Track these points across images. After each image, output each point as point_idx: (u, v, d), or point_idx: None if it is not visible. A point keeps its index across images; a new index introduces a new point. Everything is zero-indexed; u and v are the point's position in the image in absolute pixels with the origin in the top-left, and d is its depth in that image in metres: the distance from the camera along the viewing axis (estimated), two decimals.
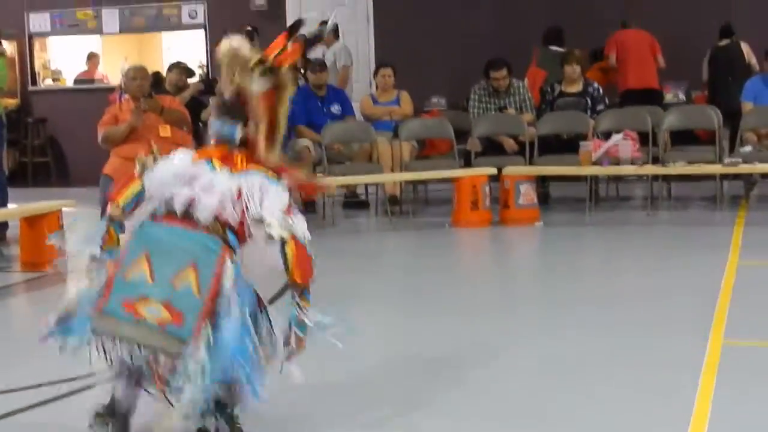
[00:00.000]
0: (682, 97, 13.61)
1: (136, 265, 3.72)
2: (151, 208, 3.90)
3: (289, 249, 3.79)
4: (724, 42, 12.55)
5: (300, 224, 3.84)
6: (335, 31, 13.32)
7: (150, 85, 10.09)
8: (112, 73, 16.51)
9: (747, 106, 11.19)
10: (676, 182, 11.81)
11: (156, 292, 3.67)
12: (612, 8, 13.52)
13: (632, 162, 10.36)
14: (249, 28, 12.45)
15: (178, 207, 3.81)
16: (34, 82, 16.94)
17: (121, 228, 3.93)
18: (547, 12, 13.70)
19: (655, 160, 10.70)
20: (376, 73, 12.31)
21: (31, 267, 8.43)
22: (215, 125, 4.01)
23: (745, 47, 12.56)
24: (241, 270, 3.80)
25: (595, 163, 10.43)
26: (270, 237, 3.79)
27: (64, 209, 8.80)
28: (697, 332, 5.59)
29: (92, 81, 16.62)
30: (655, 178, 11.03)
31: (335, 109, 11.72)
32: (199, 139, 10.56)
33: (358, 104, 12.26)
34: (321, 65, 11.81)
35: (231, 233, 3.82)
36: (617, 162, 10.41)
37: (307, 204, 9.94)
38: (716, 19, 12.76)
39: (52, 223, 8.56)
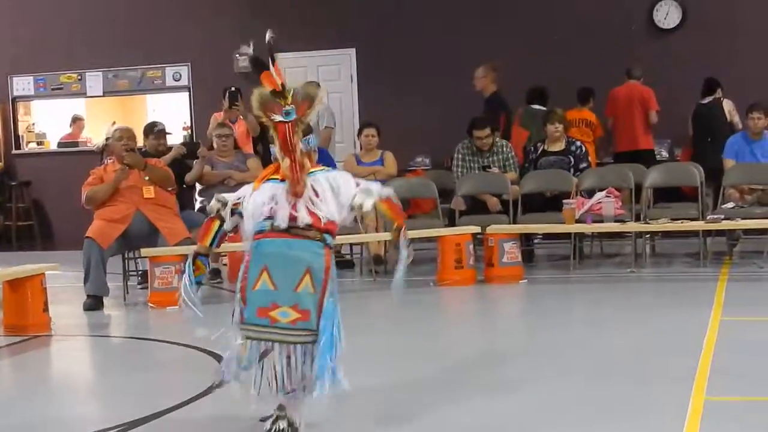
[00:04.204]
0: (665, 154, 13.69)
1: (259, 278, 4.63)
2: (254, 228, 4.77)
3: (381, 206, 4.84)
4: (707, 100, 12.62)
5: (373, 186, 4.87)
6: None
7: (135, 144, 10.16)
8: (96, 135, 16.54)
9: (728, 163, 11.24)
10: (660, 239, 11.87)
11: (283, 298, 4.62)
12: (596, 68, 13.66)
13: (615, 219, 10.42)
14: (233, 89, 12.50)
15: (281, 223, 4.68)
16: (18, 146, 16.95)
17: (206, 259, 4.95)
18: (530, 72, 13.79)
19: (638, 218, 10.76)
20: (359, 133, 12.32)
21: (14, 330, 8.39)
22: (305, 143, 4.96)
23: (727, 105, 12.63)
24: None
25: (578, 221, 10.46)
26: (366, 211, 4.80)
27: (47, 272, 8.76)
28: (679, 388, 5.59)
29: (76, 144, 16.61)
30: (639, 235, 11.07)
31: None
32: (182, 200, 10.60)
33: (341, 164, 12.27)
34: (306, 126, 11.83)
35: (326, 234, 4.72)
36: (601, 219, 10.45)
37: None
38: (701, 79, 12.85)
39: (35, 287, 8.53)
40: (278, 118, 4.81)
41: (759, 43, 13.90)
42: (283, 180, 4.78)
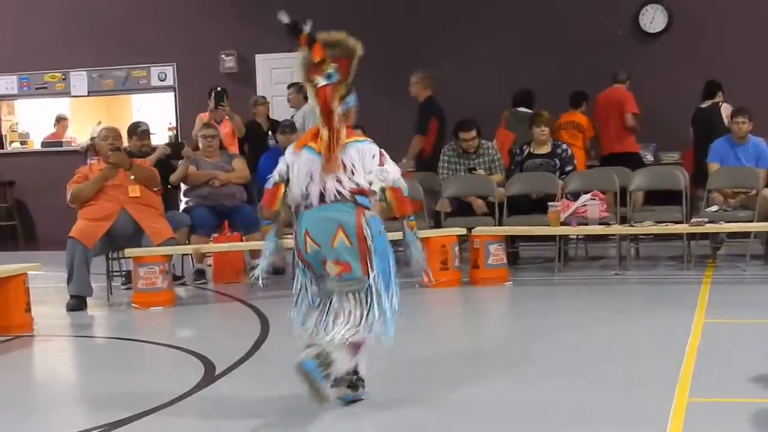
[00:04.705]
0: (650, 158, 13.70)
1: (305, 242, 5.27)
2: (297, 201, 5.37)
3: (388, 194, 5.40)
4: (706, 104, 12.56)
5: (392, 171, 5.40)
6: (305, 93, 13.33)
7: (120, 144, 10.15)
8: (80, 135, 16.50)
9: (713, 167, 11.25)
10: (645, 242, 11.89)
11: (328, 254, 5.22)
12: (582, 72, 13.68)
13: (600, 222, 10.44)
14: (219, 89, 12.48)
15: (315, 201, 5.26)
16: (1, 146, 16.90)
17: (272, 222, 5.49)
18: (517, 75, 13.82)
19: (624, 220, 10.79)
20: None
21: None
22: (344, 105, 5.34)
23: (726, 110, 12.52)
24: (378, 219, 5.36)
25: (563, 223, 10.47)
26: (374, 191, 5.33)
27: (29, 273, 8.72)
28: (663, 389, 5.61)
29: (60, 144, 16.55)
30: (624, 237, 11.09)
31: None
32: (166, 201, 10.57)
33: None
34: (290, 127, 11.83)
35: (359, 196, 5.27)
36: (586, 222, 10.47)
37: (276, 269, 9.64)
38: (687, 82, 12.86)
39: (18, 287, 8.49)
40: (322, 81, 5.22)
41: (744, 47, 13.94)
42: (319, 152, 5.26)
